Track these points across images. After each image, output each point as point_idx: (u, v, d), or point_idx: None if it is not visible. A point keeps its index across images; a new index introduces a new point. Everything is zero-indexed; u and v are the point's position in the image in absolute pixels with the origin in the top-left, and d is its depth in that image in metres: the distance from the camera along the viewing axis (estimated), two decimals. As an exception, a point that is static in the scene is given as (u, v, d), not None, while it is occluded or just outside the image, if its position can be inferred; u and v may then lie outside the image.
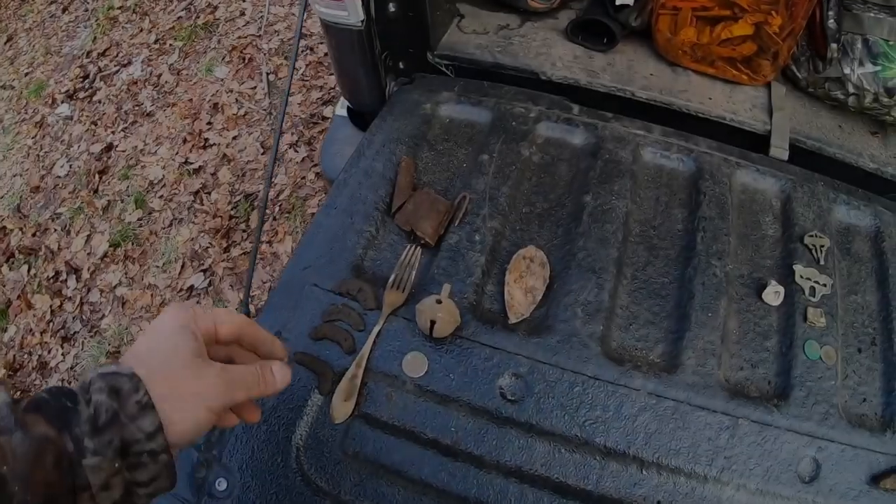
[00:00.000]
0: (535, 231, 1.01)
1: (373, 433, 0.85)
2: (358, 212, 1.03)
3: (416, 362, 0.88)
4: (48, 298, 2.17)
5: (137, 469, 0.44)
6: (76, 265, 2.24)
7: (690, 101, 1.18)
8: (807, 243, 1.04)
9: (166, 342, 0.49)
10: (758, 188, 1.11)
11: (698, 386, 0.88)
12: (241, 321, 0.57)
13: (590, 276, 0.95)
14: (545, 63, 1.22)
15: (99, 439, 0.42)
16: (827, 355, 0.94)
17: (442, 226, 0.99)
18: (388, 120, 1.15)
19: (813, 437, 0.86)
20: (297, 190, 2.20)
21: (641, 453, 0.83)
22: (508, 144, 1.10)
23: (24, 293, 2.21)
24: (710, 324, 0.93)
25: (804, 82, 1.27)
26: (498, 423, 0.85)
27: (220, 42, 2.65)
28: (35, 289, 2.21)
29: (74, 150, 2.53)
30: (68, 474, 0.41)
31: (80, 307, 2.14)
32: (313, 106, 2.35)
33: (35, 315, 2.15)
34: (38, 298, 2.18)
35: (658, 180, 1.10)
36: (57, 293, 2.18)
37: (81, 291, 2.17)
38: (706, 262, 0.98)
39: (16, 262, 2.30)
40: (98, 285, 2.18)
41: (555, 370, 0.87)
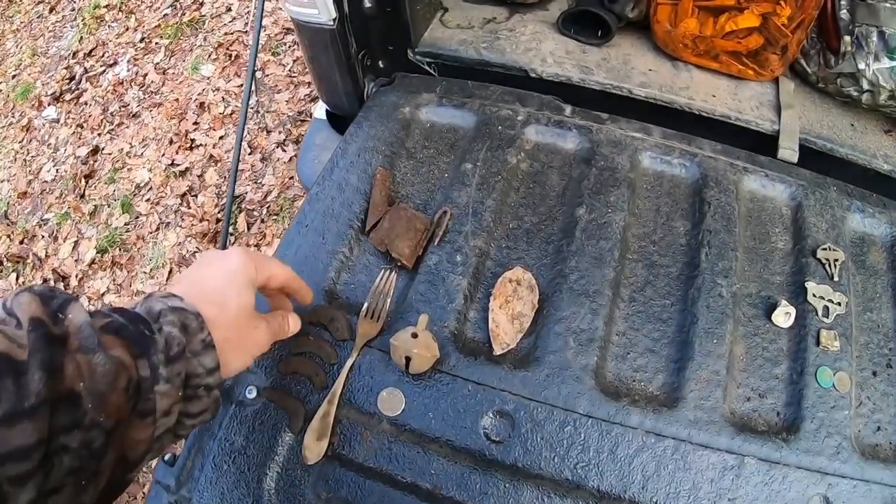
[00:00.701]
0: (523, 249, 0.91)
1: (347, 475, 0.76)
2: (330, 230, 0.92)
3: (392, 399, 0.79)
4: (36, 307, 2.09)
5: (192, 401, 0.48)
6: (64, 272, 2.15)
7: (693, 98, 1.07)
8: (820, 257, 0.93)
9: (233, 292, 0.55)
10: (767, 196, 1.00)
11: (701, 422, 0.78)
12: (288, 275, 0.68)
13: (583, 301, 0.85)
14: (535, 59, 1.10)
15: (171, 368, 0.45)
16: (840, 382, 0.84)
17: (420, 246, 0.89)
18: (363, 126, 1.04)
19: (824, 474, 0.77)
20: (285, 191, 2.10)
21: (638, 497, 0.74)
22: (494, 151, 0.98)
23: (11, 302, 2.13)
24: (715, 351, 0.83)
25: (814, 77, 1.15)
26: (482, 466, 0.76)
27: (207, 39, 2.53)
28: (23, 297, 2.13)
29: (61, 154, 2.44)
30: (134, 398, 0.42)
31: (67, 316, 2.06)
32: (301, 103, 2.24)
33: (22, 324, 2.07)
34: (25, 307, 2.10)
35: (658, 189, 0.98)
36: (45, 302, 2.10)
37: (69, 299, 2.09)
38: (711, 281, 0.88)
39: (4, 271, 2.22)
40: (86, 293, 2.10)
41: (544, 407, 0.78)
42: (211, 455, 0.78)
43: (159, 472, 0.79)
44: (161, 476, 0.78)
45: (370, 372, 0.80)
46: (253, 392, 0.81)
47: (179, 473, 0.78)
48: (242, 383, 0.82)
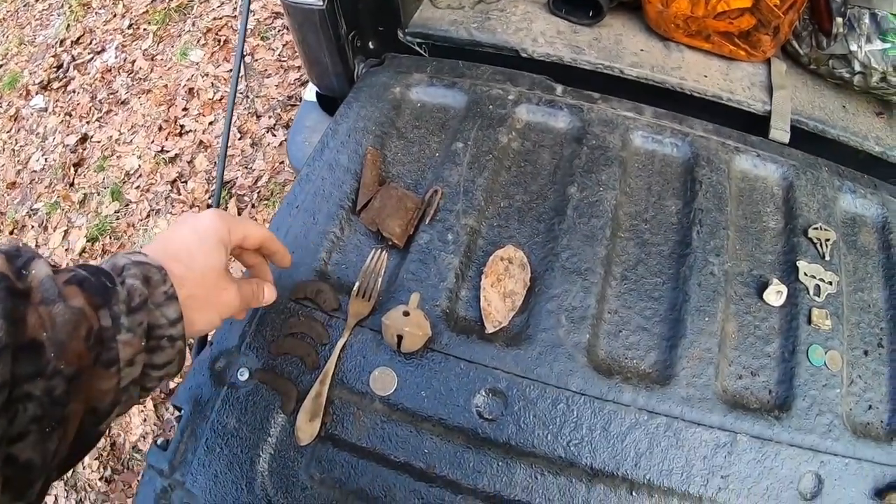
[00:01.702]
0: (515, 228, 0.90)
1: (340, 456, 0.75)
2: (321, 210, 0.91)
3: (384, 379, 0.78)
4: (27, 297, 2.06)
5: (156, 352, 0.48)
6: (54, 262, 2.12)
7: (684, 79, 1.06)
8: (811, 237, 0.93)
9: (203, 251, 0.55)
10: (758, 175, 0.99)
11: (694, 399, 0.78)
12: (264, 236, 0.66)
13: (575, 279, 0.84)
14: (526, 39, 1.08)
15: (132, 318, 0.45)
16: (832, 361, 0.84)
17: (411, 225, 0.87)
18: (353, 106, 1.02)
19: (815, 451, 0.77)
20: (276, 175, 2.07)
21: (631, 474, 0.74)
22: (485, 131, 0.97)
23: (1, 293, 2.10)
24: (706, 329, 0.83)
25: (806, 59, 1.15)
26: (475, 445, 0.75)
27: (195, 25, 2.48)
28: (13, 289, 2.10)
29: (49, 143, 2.39)
30: (96, 347, 0.43)
31: (58, 306, 2.03)
32: (291, 87, 2.21)
33: (13, 314, 2.04)
34: (15, 297, 2.07)
35: (650, 168, 0.97)
36: (35, 292, 2.07)
37: (59, 289, 2.06)
38: (703, 259, 0.87)
39: (-6, 263, 2.19)
40: (76, 282, 2.07)
41: (536, 385, 0.77)
42: (204, 438, 0.77)
43: (152, 456, 0.78)
44: (154, 460, 0.77)
45: (362, 351, 0.79)
46: (245, 374, 0.80)
47: (172, 457, 0.77)
48: (234, 366, 0.81)
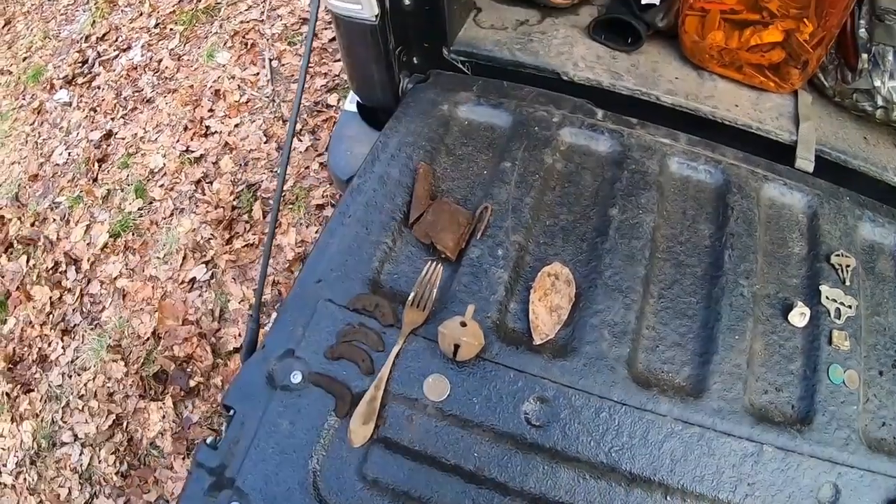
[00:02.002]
0: (560, 246, 0.95)
1: (393, 458, 0.80)
2: (374, 221, 0.96)
3: (437, 385, 0.82)
4: (48, 290, 2.08)
5: None
6: (76, 256, 2.14)
7: (717, 107, 1.11)
8: (833, 263, 0.99)
9: None
10: (785, 203, 1.05)
11: (724, 411, 0.83)
12: None
13: (617, 296, 0.89)
14: (567, 63, 1.14)
15: None
16: (850, 379, 0.89)
17: (463, 239, 0.92)
18: (403, 121, 1.07)
19: (834, 463, 0.82)
20: (301, 181, 2.11)
21: (667, 480, 0.79)
22: (531, 151, 1.02)
23: (23, 284, 2.12)
24: (736, 346, 0.88)
25: (831, 91, 1.20)
26: (522, 449, 0.80)
27: (222, 27, 2.51)
28: (34, 280, 2.12)
29: (73, 138, 2.41)
30: None
31: (80, 299, 2.05)
32: (317, 93, 2.24)
33: (34, 307, 2.06)
34: (37, 290, 2.09)
35: (685, 193, 1.03)
36: (56, 284, 2.10)
37: (81, 283, 2.08)
38: (734, 281, 0.93)
39: (14, 253, 2.20)
40: (98, 276, 2.09)
41: (581, 395, 0.82)
42: (256, 438, 0.80)
43: (201, 454, 0.81)
44: (203, 458, 0.80)
45: (416, 359, 0.84)
46: (298, 377, 0.83)
47: (223, 456, 0.80)
48: (287, 368, 0.84)
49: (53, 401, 1.91)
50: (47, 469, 1.80)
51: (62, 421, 1.86)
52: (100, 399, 1.87)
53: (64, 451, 1.81)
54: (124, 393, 1.87)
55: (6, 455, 1.86)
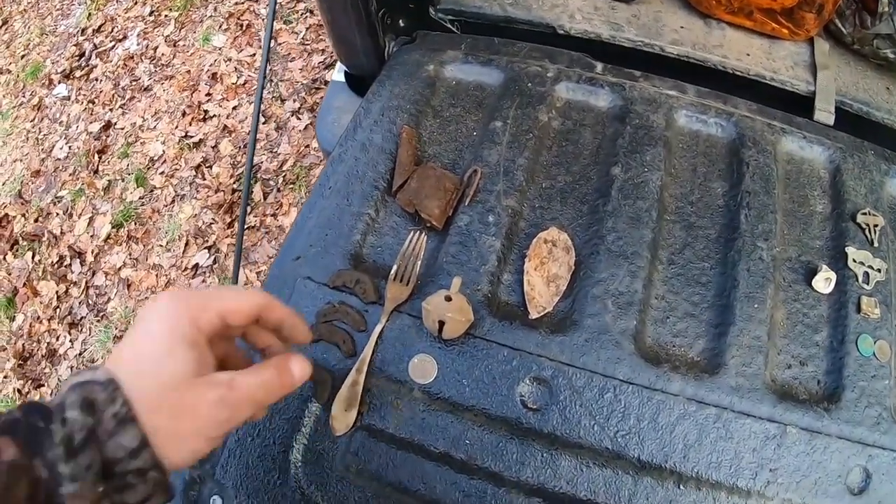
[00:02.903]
0: (557, 209, 0.83)
1: (377, 446, 0.70)
2: (355, 192, 0.84)
3: (424, 366, 0.72)
4: (54, 284, 2.01)
5: (126, 490, 0.35)
6: (80, 249, 2.07)
7: (727, 57, 0.98)
8: (859, 222, 0.86)
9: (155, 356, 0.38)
10: (805, 158, 0.91)
11: (743, 389, 0.72)
12: (252, 305, 0.44)
13: (621, 263, 0.77)
14: (562, 15, 1.00)
15: (75, 463, 0.33)
16: (881, 351, 0.77)
17: (450, 206, 0.81)
18: (386, 85, 0.95)
19: (864, 445, 0.71)
20: (301, 159, 2.00)
21: (680, 467, 0.68)
22: (524, 109, 0.90)
23: (29, 280, 2.06)
24: (756, 316, 0.76)
25: (850, 38, 1.06)
26: (518, 435, 0.69)
27: (217, 10, 2.39)
28: (40, 275, 2.05)
29: (73, 131, 2.33)
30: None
31: (85, 291, 1.99)
32: (315, 71, 2.13)
33: (42, 302, 2.00)
34: (43, 285, 2.02)
35: (695, 149, 0.90)
36: (62, 278, 2.03)
37: (86, 275, 2.01)
38: (751, 243, 0.80)
39: (20, 250, 2.14)
40: (103, 268, 2.02)
41: (582, 373, 0.71)
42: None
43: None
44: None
45: (401, 338, 0.73)
46: (277, 359, 0.74)
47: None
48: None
49: (63, 395, 1.86)
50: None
51: (73, 416, 1.83)
52: (107, 391, 1.82)
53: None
54: (131, 383, 1.81)
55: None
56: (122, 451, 0.34)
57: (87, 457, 0.33)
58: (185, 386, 0.37)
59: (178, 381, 0.37)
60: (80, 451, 0.33)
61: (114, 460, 0.34)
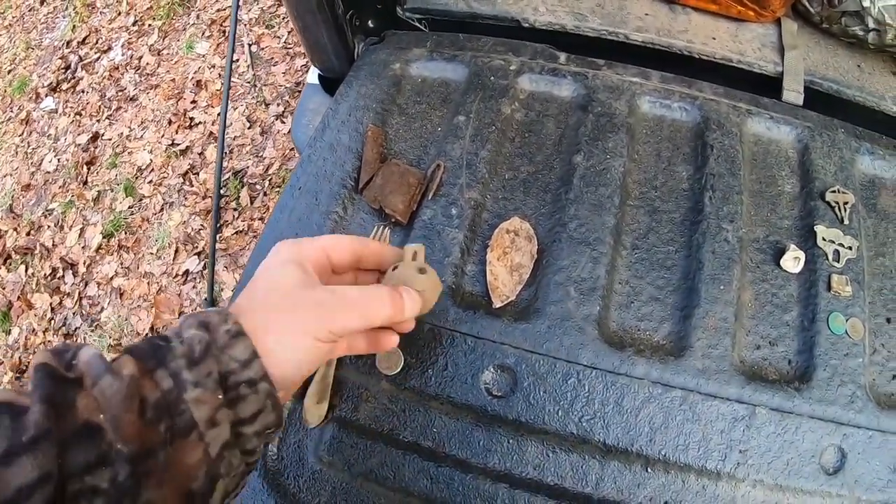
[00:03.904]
0: (520, 200, 0.85)
1: (348, 437, 0.72)
2: (323, 190, 0.87)
3: (390, 358, 0.74)
4: (47, 296, 2.06)
5: (239, 403, 0.38)
6: (72, 260, 2.11)
7: (692, 42, 0.99)
8: (829, 200, 0.87)
9: (267, 279, 0.45)
10: (772, 138, 0.93)
11: (710, 371, 0.73)
12: (350, 243, 0.51)
13: (583, 249, 0.79)
14: (526, 8, 1.03)
15: (197, 370, 0.37)
16: (853, 329, 0.78)
17: (414, 200, 0.83)
18: (354, 85, 0.98)
19: (838, 424, 0.72)
20: (287, 163, 2.04)
21: (646, 450, 0.70)
22: (487, 102, 0.92)
23: (23, 293, 2.10)
24: (722, 297, 0.78)
25: (818, 17, 1.07)
26: (484, 423, 0.72)
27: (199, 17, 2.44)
28: (34, 288, 2.10)
29: (61, 144, 2.38)
30: (163, 417, 0.35)
31: (79, 302, 2.03)
32: (298, 74, 2.16)
33: (36, 314, 2.04)
34: (37, 297, 2.07)
35: (659, 134, 0.92)
36: (56, 290, 2.07)
37: (79, 286, 2.05)
38: (716, 225, 0.82)
39: (13, 263, 2.19)
40: (95, 278, 2.06)
41: (546, 360, 0.73)
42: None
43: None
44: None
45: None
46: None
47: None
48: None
49: (60, 404, 1.90)
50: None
51: (69, 424, 1.86)
52: (102, 398, 1.85)
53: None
54: (125, 390, 1.84)
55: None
56: (235, 362, 0.38)
57: (206, 366, 0.37)
58: (288, 292, 0.43)
59: (284, 289, 0.43)
60: (201, 360, 0.37)
61: (228, 372, 0.38)
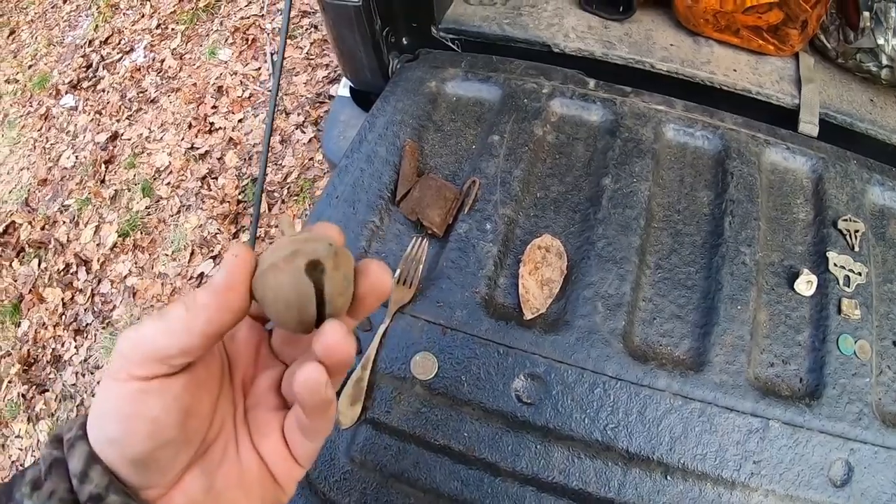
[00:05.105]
0: (551, 218, 0.91)
1: (381, 439, 0.77)
2: (360, 201, 0.93)
3: (425, 363, 0.79)
4: (59, 291, 2.10)
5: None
6: (86, 257, 2.16)
7: (714, 73, 1.06)
8: (840, 228, 0.93)
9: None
10: (788, 168, 0.99)
11: (727, 385, 0.79)
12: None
13: (610, 267, 0.85)
14: (557, 34, 1.09)
15: (38, 493, 0.30)
16: (861, 350, 0.84)
17: (450, 214, 0.89)
18: (390, 101, 1.04)
19: (845, 439, 0.77)
20: (305, 172, 2.10)
21: (666, 458, 0.75)
22: (520, 123, 0.98)
23: (35, 287, 2.14)
24: (739, 317, 0.83)
25: (834, 53, 1.14)
26: (513, 428, 0.76)
27: (223, 24, 2.51)
28: (46, 282, 2.14)
29: (80, 141, 2.43)
30: None
31: (91, 299, 2.07)
32: (319, 85, 2.23)
33: (47, 308, 2.08)
34: (49, 292, 2.11)
35: (682, 160, 0.98)
36: (68, 286, 2.11)
37: (92, 283, 2.10)
38: (735, 249, 0.88)
39: (26, 257, 2.23)
40: (108, 276, 2.10)
41: (574, 370, 0.78)
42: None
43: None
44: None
45: (404, 337, 0.81)
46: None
47: None
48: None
49: (68, 400, 1.93)
50: (63, 466, 1.83)
51: (76, 419, 1.89)
52: (112, 395, 1.88)
53: (79, 449, 1.84)
54: (135, 388, 1.88)
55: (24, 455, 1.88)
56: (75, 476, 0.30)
57: (50, 484, 0.30)
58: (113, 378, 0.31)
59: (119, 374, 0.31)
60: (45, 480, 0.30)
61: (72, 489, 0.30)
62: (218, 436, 0.33)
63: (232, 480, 0.33)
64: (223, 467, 0.33)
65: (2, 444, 1.93)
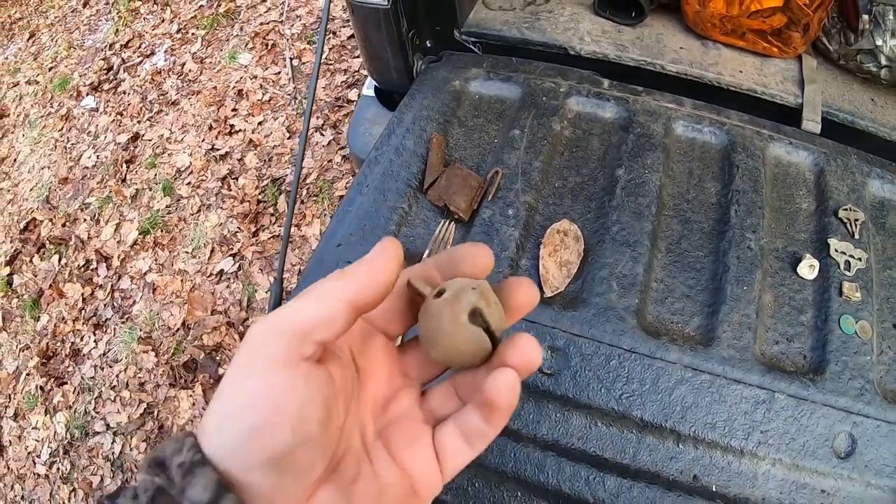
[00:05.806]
0: (569, 205, 0.99)
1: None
2: (390, 189, 1.01)
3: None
4: (79, 287, 2.19)
5: None
6: (106, 253, 2.25)
7: (721, 74, 1.14)
8: (841, 217, 1.01)
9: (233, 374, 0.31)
10: (791, 161, 1.07)
11: (734, 359, 0.86)
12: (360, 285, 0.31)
13: (624, 250, 0.93)
14: (573, 38, 1.18)
15: None
16: (862, 330, 0.91)
17: (475, 201, 0.97)
18: (417, 98, 1.13)
19: (848, 413, 0.84)
20: (324, 173, 2.19)
21: (678, 427, 0.82)
22: (539, 119, 1.07)
23: (55, 283, 2.23)
24: (745, 297, 0.91)
25: (835, 55, 1.23)
26: (535, 397, 0.84)
27: (243, 29, 2.63)
28: (66, 278, 2.23)
29: (101, 141, 2.54)
30: None
31: (111, 294, 2.16)
32: (338, 89, 2.33)
33: (67, 303, 2.17)
34: (69, 287, 2.20)
35: (690, 154, 1.06)
36: (88, 281, 2.20)
37: (112, 279, 2.19)
38: (740, 235, 0.96)
39: (47, 253, 2.32)
40: (128, 272, 2.20)
41: (591, 343, 0.86)
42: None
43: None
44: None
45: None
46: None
47: None
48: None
49: (86, 392, 2.01)
50: (80, 458, 1.90)
51: (94, 411, 1.97)
52: (131, 389, 1.96)
53: (96, 441, 1.91)
54: (155, 382, 1.96)
55: (40, 446, 1.95)
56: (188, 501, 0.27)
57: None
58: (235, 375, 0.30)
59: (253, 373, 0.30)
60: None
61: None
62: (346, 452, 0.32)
63: (370, 497, 0.31)
64: (359, 484, 0.31)
65: (18, 436, 2.00)
